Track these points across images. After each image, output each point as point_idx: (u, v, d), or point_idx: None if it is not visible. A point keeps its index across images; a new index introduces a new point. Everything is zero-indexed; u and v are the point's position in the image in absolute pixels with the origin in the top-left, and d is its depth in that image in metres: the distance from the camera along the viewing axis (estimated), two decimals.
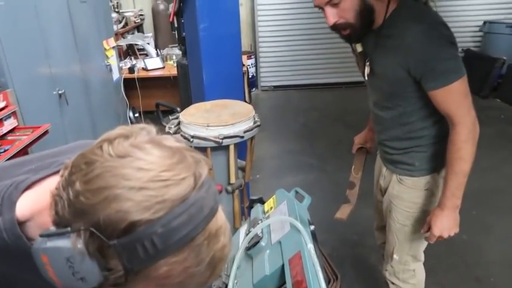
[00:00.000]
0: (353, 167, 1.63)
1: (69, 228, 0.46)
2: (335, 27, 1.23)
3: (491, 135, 4.01)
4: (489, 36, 5.49)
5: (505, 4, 5.66)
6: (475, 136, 1.22)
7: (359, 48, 1.35)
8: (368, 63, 1.34)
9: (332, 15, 1.20)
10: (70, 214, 0.46)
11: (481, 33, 5.68)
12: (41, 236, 0.48)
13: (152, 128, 0.54)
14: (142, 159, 0.47)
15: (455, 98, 1.19)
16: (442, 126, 1.32)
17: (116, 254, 0.45)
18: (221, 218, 0.53)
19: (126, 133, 0.50)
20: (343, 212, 1.42)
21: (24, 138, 1.98)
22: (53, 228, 0.48)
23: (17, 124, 2.11)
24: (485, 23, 5.52)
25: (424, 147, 1.36)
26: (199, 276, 0.51)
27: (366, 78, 1.38)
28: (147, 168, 0.46)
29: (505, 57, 5.09)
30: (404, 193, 1.44)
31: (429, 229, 1.33)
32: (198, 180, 0.49)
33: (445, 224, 1.29)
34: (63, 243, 0.46)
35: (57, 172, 0.58)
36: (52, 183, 0.52)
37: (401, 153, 1.43)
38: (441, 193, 1.30)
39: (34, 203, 0.54)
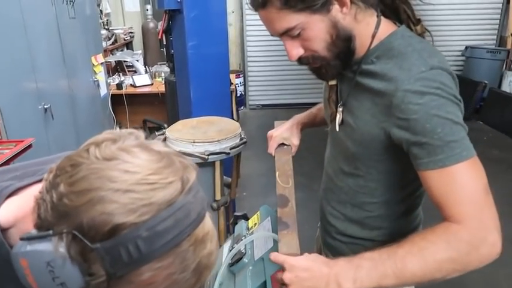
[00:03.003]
0: (277, 173, 1.11)
1: (50, 231, 0.46)
2: (301, 62, 0.90)
3: None
4: (471, 60, 5.65)
5: (486, 30, 5.87)
6: (478, 256, 0.73)
7: (332, 80, 0.98)
8: (341, 109, 0.95)
9: (294, 48, 0.86)
10: (53, 217, 0.46)
11: (463, 58, 5.84)
12: (22, 239, 0.47)
13: (141, 133, 0.54)
14: (129, 162, 0.47)
15: (458, 186, 0.75)
16: (410, 225, 0.96)
17: (99, 258, 0.45)
18: (208, 224, 0.53)
19: (114, 137, 0.50)
20: (290, 245, 0.89)
21: (6, 152, 1.95)
22: (34, 232, 0.47)
23: None
24: (466, 48, 5.70)
25: (378, 244, 0.88)
26: (184, 283, 0.50)
27: (336, 127, 0.97)
28: (133, 171, 0.46)
29: (486, 81, 5.23)
30: None
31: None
32: (185, 185, 0.49)
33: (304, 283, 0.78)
34: (44, 246, 0.45)
35: (42, 179, 0.58)
36: (37, 190, 0.52)
37: (346, 243, 1.05)
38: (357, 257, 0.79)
39: (18, 209, 0.54)
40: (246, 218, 1.41)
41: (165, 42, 2.54)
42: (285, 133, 1.25)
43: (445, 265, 0.74)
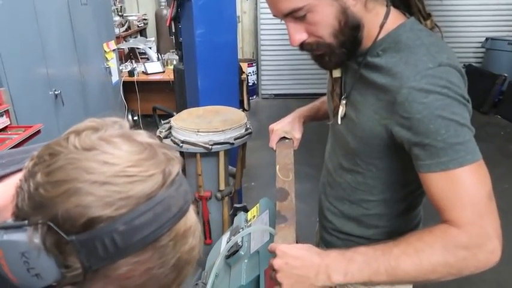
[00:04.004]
0: (277, 167, 1.09)
1: (26, 221, 0.45)
2: (303, 48, 0.85)
3: (490, 152, 3.98)
4: (491, 52, 5.48)
5: (508, 21, 5.67)
6: (475, 262, 0.71)
7: (336, 72, 0.94)
8: (344, 102, 0.92)
9: (297, 32, 0.82)
10: (29, 207, 0.45)
11: (483, 50, 5.67)
12: None
13: (125, 122, 0.52)
14: (109, 153, 0.45)
15: (461, 190, 0.72)
16: (408, 225, 0.95)
17: (74, 250, 0.44)
18: (191, 219, 0.51)
19: (96, 126, 0.49)
20: (286, 239, 0.88)
21: (15, 137, 1.98)
22: (10, 221, 0.46)
23: (9, 123, 2.10)
24: (487, 39, 5.52)
25: (373, 243, 0.82)
26: (163, 278, 0.49)
27: (338, 120, 0.94)
28: (112, 163, 0.45)
29: (506, 74, 5.07)
30: None
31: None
32: (167, 178, 0.47)
33: (294, 275, 0.77)
34: (19, 236, 0.44)
35: None
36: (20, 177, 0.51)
37: (342, 240, 1.04)
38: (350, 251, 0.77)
39: (0, 197, 0.53)
40: (245, 209, 1.40)
41: (173, 30, 2.53)
42: (286, 127, 1.22)
43: (439, 268, 0.72)
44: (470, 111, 0.76)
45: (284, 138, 1.23)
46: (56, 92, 2.61)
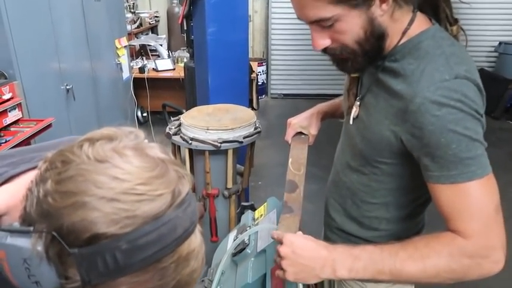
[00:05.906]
0: (290, 160, 1.11)
1: (31, 228, 0.45)
2: (326, 52, 0.84)
3: (500, 158, 3.95)
4: (504, 57, 5.41)
5: None
6: (479, 270, 0.74)
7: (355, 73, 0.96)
8: (358, 103, 0.92)
9: (321, 38, 0.80)
10: (36, 213, 0.45)
11: (496, 54, 5.61)
12: (2, 230, 0.46)
13: (141, 133, 0.52)
14: (120, 168, 0.45)
15: (469, 203, 0.74)
16: (409, 232, 0.95)
17: (75, 263, 0.44)
18: (195, 241, 0.50)
19: (111, 135, 0.49)
20: (290, 228, 0.89)
21: (26, 130, 2.00)
22: (16, 224, 0.47)
23: (21, 116, 2.13)
24: (500, 43, 5.46)
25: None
26: None
27: (350, 120, 0.95)
28: (122, 179, 0.44)
29: None
30: None
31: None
32: (176, 198, 0.47)
33: (301, 266, 0.79)
34: (23, 242, 0.45)
35: (37, 167, 0.58)
36: (30, 177, 0.51)
37: (343, 239, 1.05)
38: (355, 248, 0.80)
39: (11, 197, 0.53)
40: (253, 208, 1.40)
41: (185, 28, 2.54)
42: (303, 122, 1.23)
43: (443, 274, 0.75)
44: (484, 125, 0.76)
45: (300, 133, 1.23)
46: (67, 87, 2.64)
